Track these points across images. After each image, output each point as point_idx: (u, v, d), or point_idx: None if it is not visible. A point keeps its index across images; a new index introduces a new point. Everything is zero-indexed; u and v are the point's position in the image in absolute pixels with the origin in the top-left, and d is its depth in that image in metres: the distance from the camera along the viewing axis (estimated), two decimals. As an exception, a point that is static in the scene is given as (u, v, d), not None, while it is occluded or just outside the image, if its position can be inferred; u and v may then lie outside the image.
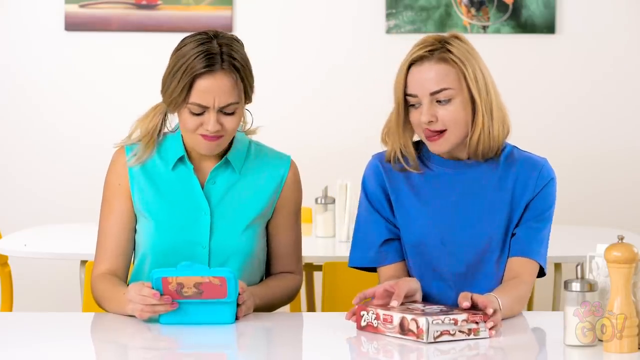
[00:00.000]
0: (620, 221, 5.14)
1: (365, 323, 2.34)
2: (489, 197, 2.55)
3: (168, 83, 2.51)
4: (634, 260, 2.12)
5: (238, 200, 2.61)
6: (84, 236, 4.17)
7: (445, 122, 2.49)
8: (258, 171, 2.64)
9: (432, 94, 2.48)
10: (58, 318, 2.58)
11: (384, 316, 2.30)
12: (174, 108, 2.53)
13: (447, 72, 2.48)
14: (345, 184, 4.09)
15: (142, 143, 2.60)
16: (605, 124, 5.23)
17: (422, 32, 5.10)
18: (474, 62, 2.50)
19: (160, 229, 2.59)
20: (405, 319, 2.26)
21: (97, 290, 2.58)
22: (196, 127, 2.50)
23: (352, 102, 5.22)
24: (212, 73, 2.48)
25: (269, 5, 5.21)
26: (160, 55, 5.25)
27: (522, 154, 2.59)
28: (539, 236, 2.54)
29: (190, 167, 2.60)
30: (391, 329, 2.29)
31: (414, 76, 2.50)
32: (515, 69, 5.16)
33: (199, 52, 2.47)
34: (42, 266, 4.99)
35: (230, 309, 2.39)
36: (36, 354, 2.19)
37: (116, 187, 2.62)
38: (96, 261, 2.63)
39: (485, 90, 2.51)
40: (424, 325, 2.22)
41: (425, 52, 2.49)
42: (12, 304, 4.19)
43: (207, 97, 2.48)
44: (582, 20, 5.20)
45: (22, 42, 5.20)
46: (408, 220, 2.58)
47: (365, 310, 2.34)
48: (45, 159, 5.21)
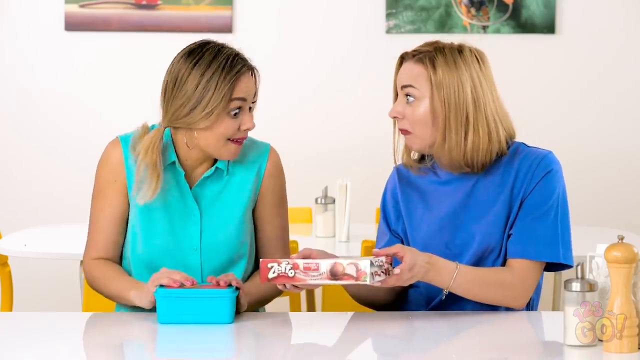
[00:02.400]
0: (620, 221, 5.14)
1: (275, 274, 2.32)
2: (492, 198, 2.55)
3: (199, 98, 2.51)
4: (634, 260, 2.12)
5: (226, 201, 2.63)
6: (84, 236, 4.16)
7: (410, 122, 2.54)
8: (241, 167, 2.66)
9: (402, 87, 2.55)
10: (58, 318, 2.58)
11: (305, 265, 2.30)
12: (208, 120, 2.52)
13: (419, 74, 2.53)
14: (345, 184, 4.09)
15: (148, 177, 2.57)
16: (605, 123, 5.23)
17: (422, 32, 5.10)
18: (454, 75, 2.52)
19: (151, 233, 2.60)
20: (340, 264, 2.27)
21: (96, 271, 2.62)
22: (235, 130, 2.54)
23: (352, 102, 5.22)
24: (244, 73, 2.55)
25: (269, 6, 5.21)
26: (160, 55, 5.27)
27: (527, 149, 2.59)
28: (538, 233, 2.51)
29: (182, 173, 2.61)
30: (317, 276, 2.29)
31: (399, 71, 2.59)
32: (515, 69, 5.16)
33: (228, 56, 2.53)
34: (42, 266, 4.98)
35: (229, 308, 2.39)
36: (36, 354, 2.19)
37: (112, 183, 2.62)
38: (87, 248, 2.67)
39: (459, 104, 2.51)
40: (366, 267, 2.24)
41: (413, 51, 2.57)
42: (12, 304, 4.19)
43: (245, 92, 2.54)
44: (581, 20, 5.20)
45: (22, 42, 5.20)
46: (415, 224, 2.61)
47: (275, 262, 2.33)
48: (46, 158, 5.21)
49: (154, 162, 2.56)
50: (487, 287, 2.47)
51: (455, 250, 2.54)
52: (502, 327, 2.36)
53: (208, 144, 2.56)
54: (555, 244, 2.51)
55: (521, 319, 2.46)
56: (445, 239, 2.57)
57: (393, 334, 2.31)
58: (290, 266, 2.31)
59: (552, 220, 2.52)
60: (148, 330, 2.40)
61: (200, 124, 2.53)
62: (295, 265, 2.31)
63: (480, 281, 2.47)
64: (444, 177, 2.60)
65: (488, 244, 2.54)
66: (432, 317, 2.48)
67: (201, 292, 2.39)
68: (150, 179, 2.56)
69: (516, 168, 2.55)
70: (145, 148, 2.57)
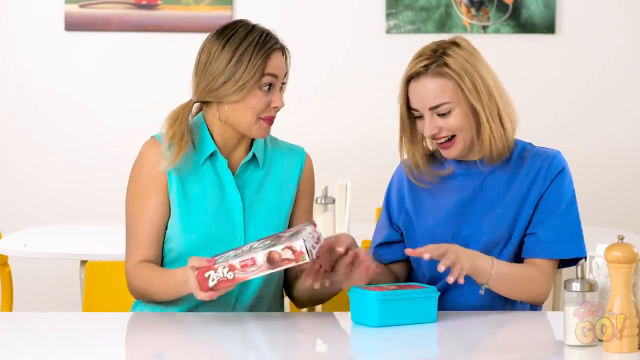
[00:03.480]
0: (620, 221, 5.14)
1: (215, 281, 2.31)
2: (501, 193, 2.58)
3: (232, 71, 2.53)
4: (634, 260, 2.12)
5: (268, 194, 2.63)
6: (84, 236, 4.18)
7: (449, 131, 2.54)
8: (279, 165, 2.67)
9: (431, 108, 2.52)
10: (58, 318, 2.58)
11: (241, 264, 2.29)
12: (240, 94, 2.53)
13: (444, 87, 2.52)
14: (345, 184, 4.09)
15: (174, 147, 2.56)
16: (604, 123, 5.23)
17: (422, 32, 5.10)
18: (472, 71, 2.52)
19: (195, 224, 2.57)
20: (274, 252, 2.28)
21: (140, 279, 2.54)
22: (265, 107, 2.55)
23: (352, 102, 5.22)
24: (275, 50, 2.57)
25: (269, 6, 5.21)
26: (160, 55, 5.29)
27: (535, 148, 2.63)
28: (563, 232, 2.55)
29: (224, 162, 2.60)
30: (256, 270, 2.29)
31: (412, 92, 2.55)
32: (515, 69, 5.16)
33: (257, 35, 2.56)
34: (42, 266, 4.98)
35: (435, 307, 2.37)
36: (36, 354, 2.19)
37: (152, 180, 2.58)
38: (130, 253, 2.59)
39: (488, 95, 2.53)
40: (302, 247, 2.26)
41: (421, 67, 2.52)
42: (12, 304, 4.19)
43: (277, 69, 2.56)
44: (582, 20, 5.20)
45: (22, 42, 5.20)
46: (422, 216, 2.63)
47: (212, 270, 2.31)
48: (45, 158, 5.21)
49: (181, 133, 2.56)
50: (518, 283, 2.51)
51: (461, 242, 2.55)
52: (502, 327, 2.36)
53: (239, 119, 2.56)
54: (578, 239, 2.56)
55: (521, 319, 2.46)
56: (452, 231, 2.59)
57: (393, 334, 2.31)
58: (227, 269, 2.31)
59: (572, 217, 2.57)
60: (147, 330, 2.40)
61: (231, 97, 2.54)
62: (232, 266, 2.30)
63: (513, 277, 2.51)
64: (452, 172, 2.62)
65: (494, 238, 2.56)
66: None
67: (409, 292, 2.38)
68: (173, 149, 2.55)
69: (527, 166, 2.59)
70: (173, 117, 2.57)
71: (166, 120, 2.58)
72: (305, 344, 2.33)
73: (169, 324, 2.43)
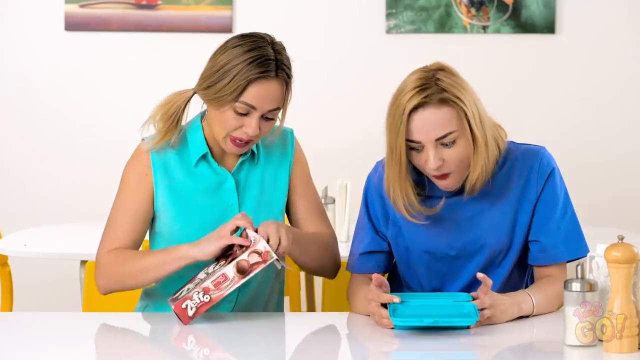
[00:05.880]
0: (620, 221, 5.14)
1: (194, 309, 2.33)
2: (494, 201, 2.54)
3: (214, 80, 2.47)
4: (634, 260, 2.12)
5: (263, 191, 2.62)
6: (84, 236, 4.17)
7: (451, 165, 2.43)
8: (270, 156, 2.65)
9: (438, 139, 2.41)
10: (58, 318, 2.58)
11: (214, 283, 2.32)
12: (217, 105, 2.49)
13: (450, 115, 2.40)
14: (345, 184, 4.09)
15: (160, 126, 2.55)
16: (605, 123, 5.23)
17: (422, 32, 5.10)
18: (466, 94, 2.42)
19: (188, 227, 2.57)
20: (242, 260, 2.32)
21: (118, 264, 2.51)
22: (236, 128, 2.49)
23: (352, 102, 5.22)
24: (267, 79, 2.47)
25: (269, 6, 5.21)
26: (161, 55, 5.28)
27: (520, 147, 2.56)
28: (564, 235, 2.53)
29: (214, 164, 2.59)
30: (231, 282, 2.32)
31: (416, 123, 2.40)
32: (515, 69, 5.16)
33: (257, 56, 2.46)
34: (42, 266, 4.98)
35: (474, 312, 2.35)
36: (36, 354, 2.19)
37: (143, 177, 2.58)
38: (106, 241, 2.57)
39: (480, 120, 2.44)
40: (265, 247, 2.32)
41: (422, 97, 2.39)
42: (12, 304, 4.19)
43: (258, 100, 2.47)
44: (582, 20, 5.20)
45: (22, 42, 5.20)
46: (413, 226, 2.54)
47: (188, 299, 2.33)
48: (45, 158, 5.21)
49: (170, 114, 2.54)
50: (552, 300, 2.50)
51: (461, 253, 2.53)
52: (502, 327, 2.36)
53: (213, 126, 2.53)
54: (580, 239, 2.54)
55: (521, 319, 2.46)
56: (449, 243, 2.54)
57: (393, 334, 2.31)
58: (202, 293, 2.33)
59: (570, 216, 2.54)
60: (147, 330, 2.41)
61: (209, 102, 2.51)
62: (206, 289, 2.33)
63: (547, 299, 2.49)
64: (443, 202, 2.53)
65: (496, 248, 2.53)
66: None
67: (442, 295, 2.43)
68: (163, 129, 2.54)
69: (518, 169, 2.53)
70: (166, 100, 2.56)
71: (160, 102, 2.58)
72: (306, 344, 2.33)
73: (168, 324, 2.43)
